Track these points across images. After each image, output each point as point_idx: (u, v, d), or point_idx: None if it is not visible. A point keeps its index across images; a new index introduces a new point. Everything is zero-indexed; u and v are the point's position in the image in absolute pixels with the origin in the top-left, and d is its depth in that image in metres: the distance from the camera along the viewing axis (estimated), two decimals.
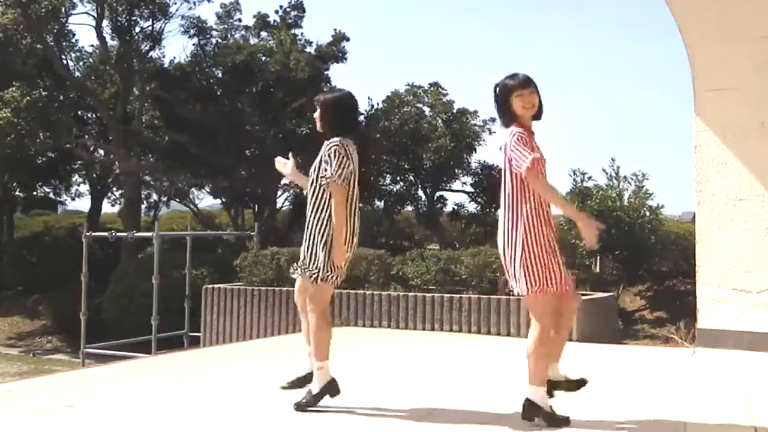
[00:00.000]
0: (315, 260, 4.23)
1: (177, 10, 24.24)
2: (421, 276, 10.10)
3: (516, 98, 3.90)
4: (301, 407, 4.23)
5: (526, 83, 3.92)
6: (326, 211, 4.24)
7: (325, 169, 4.21)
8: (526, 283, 3.82)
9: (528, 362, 3.90)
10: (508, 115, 3.94)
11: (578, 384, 4.18)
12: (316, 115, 4.43)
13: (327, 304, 4.40)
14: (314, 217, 4.27)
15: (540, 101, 3.97)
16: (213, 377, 5.59)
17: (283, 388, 4.45)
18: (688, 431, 3.92)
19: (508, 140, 3.86)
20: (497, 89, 4.00)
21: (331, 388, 4.27)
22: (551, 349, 3.96)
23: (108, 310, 18.28)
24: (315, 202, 4.28)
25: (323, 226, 4.22)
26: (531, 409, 3.88)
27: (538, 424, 3.85)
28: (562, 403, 4.49)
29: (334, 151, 4.20)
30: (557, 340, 4.03)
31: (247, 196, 24.47)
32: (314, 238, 4.24)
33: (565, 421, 3.89)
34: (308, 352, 4.41)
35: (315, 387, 4.27)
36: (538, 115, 3.99)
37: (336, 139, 4.26)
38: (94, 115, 26.59)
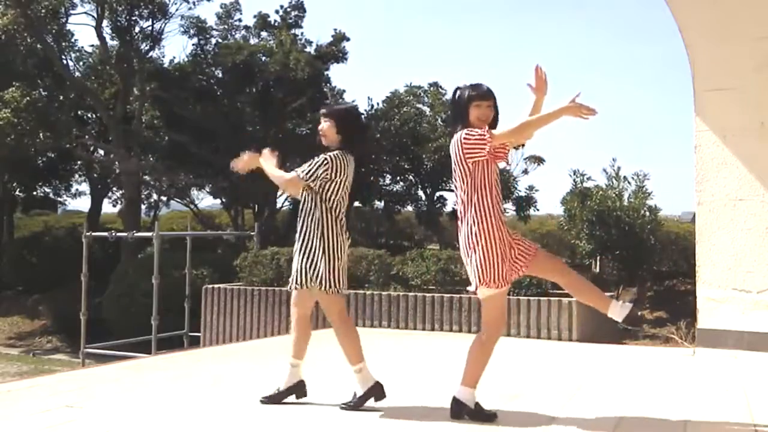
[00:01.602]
0: (316, 271, 4.22)
1: (177, 10, 24.26)
2: (421, 276, 10.10)
3: (474, 107, 3.98)
4: (350, 408, 4.29)
5: (487, 96, 4.00)
6: (318, 221, 4.24)
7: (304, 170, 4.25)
8: (477, 278, 3.91)
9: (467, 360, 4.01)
10: (461, 121, 4.02)
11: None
12: (325, 126, 4.40)
13: (342, 306, 4.42)
14: (307, 229, 4.27)
15: (496, 115, 4.03)
16: (213, 377, 5.59)
17: (263, 402, 4.43)
18: (688, 431, 3.92)
19: (458, 138, 3.94)
20: (457, 94, 4.07)
21: (375, 390, 4.31)
22: (490, 351, 4.02)
23: (108, 310, 18.27)
24: (305, 215, 4.31)
25: (319, 238, 4.23)
26: (458, 407, 4.00)
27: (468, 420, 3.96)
28: (561, 403, 4.49)
29: (321, 159, 4.24)
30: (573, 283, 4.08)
31: (247, 196, 24.47)
32: (312, 250, 4.23)
33: (493, 416, 3.98)
34: (291, 362, 4.42)
35: (358, 390, 4.32)
36: (492, 127, 4.02)
37: (337, 151, 4.27)
38: (94, 115, 26.58)
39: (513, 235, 4.04)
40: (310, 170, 4.24)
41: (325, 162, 4.24)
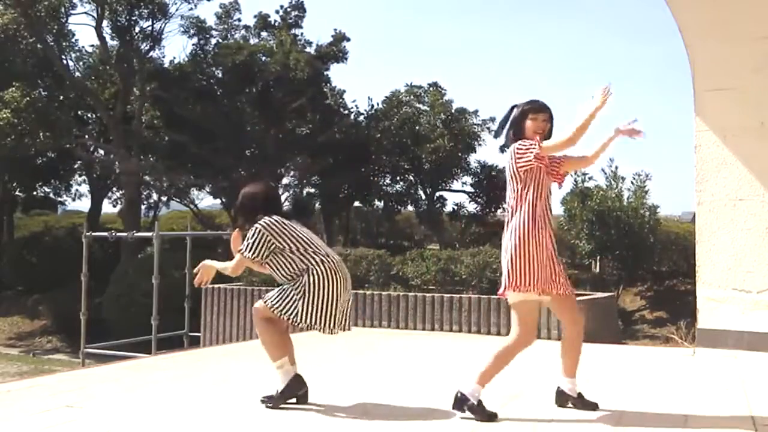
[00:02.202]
0: (293, 308, 4.26)
1: (177, 10, 24.27)
2: (421, 276, 10.11)
3: (530, 120, 4.11)
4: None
5: (542, 109, 4.14)
6: (301, 270, 4.27)
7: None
8: (506, 281, 3.98)
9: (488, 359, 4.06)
10: (517, 134, 4.14)
11: (587, 405, 4.23)
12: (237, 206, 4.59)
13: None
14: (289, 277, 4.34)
15: (551, 131, 4.15)
16: (213, 377, 5.58)
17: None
18: (688, 431, 3.92)
19: (512, 149, 4.08)
20: (515, 109, 4.19)
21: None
22: (512, 356, 4.07)
23: (108, 310, 18.28)
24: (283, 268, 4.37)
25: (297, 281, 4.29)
26: (461, 400, 4.05)
27: (466, 415, 4.01)
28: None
29: (255, 229, 4.31)
30: (567, 353, 4.21)
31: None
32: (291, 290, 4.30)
33: (494, 416, 4.03)
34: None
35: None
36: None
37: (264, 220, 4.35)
38: (94, 115, 26.59)
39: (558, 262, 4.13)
40: (249, 245, 4.31)
41: (258, 231, 4.30)
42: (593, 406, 4.21)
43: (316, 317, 4.22)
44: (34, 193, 28.57)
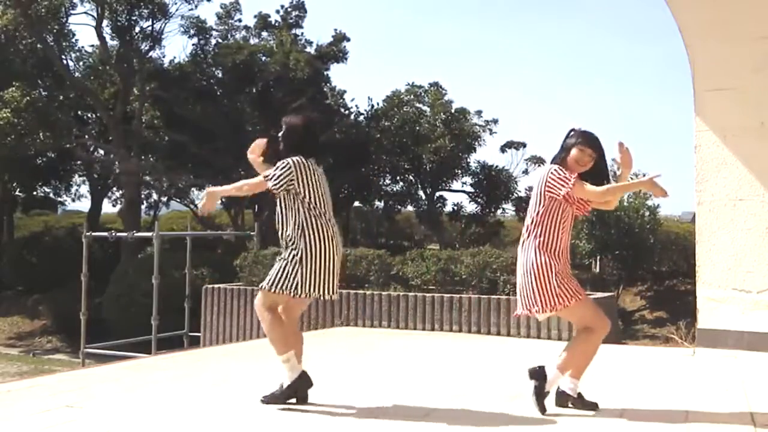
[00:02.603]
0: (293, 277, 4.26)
1: (177, 10, 24.25)
2: (421, 276, 10.10)
3: (577, 150, 4.18)
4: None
5: (592, 144, 4.20)
6: (299, 228, 4.28)
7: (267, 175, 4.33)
8: (532, 304, 4.11)
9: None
10: (559, 157, 4.24)
11: (587, 405, 4.29)
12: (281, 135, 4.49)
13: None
14: (289, 237, 4.33)
15: (598, 168, 4.21)
16: (213, 377, 5.59)
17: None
18: (688, 431, 3.92)
19: (546, 170, 4.19)
20: (569, 134, 4.27)
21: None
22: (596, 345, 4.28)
23: (108, 310, 18.28)
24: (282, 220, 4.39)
25: (295, 245, 4.28)
26: (564, 396, 4.22)
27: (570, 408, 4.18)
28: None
29: (284, 163, 4.32)
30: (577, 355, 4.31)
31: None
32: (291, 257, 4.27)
33: (596, 406, 4.22)
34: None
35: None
36: (589, 176, 4.20)
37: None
38: (94, 115, 26.58)
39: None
40: (275, 175, 4.32)
41: (287, 166, 4.32)
42: (593, 407, 4.22)
43: (317, 284, 4.25)
44: (34, 193, 28.54)
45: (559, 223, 4.14)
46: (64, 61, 24.35)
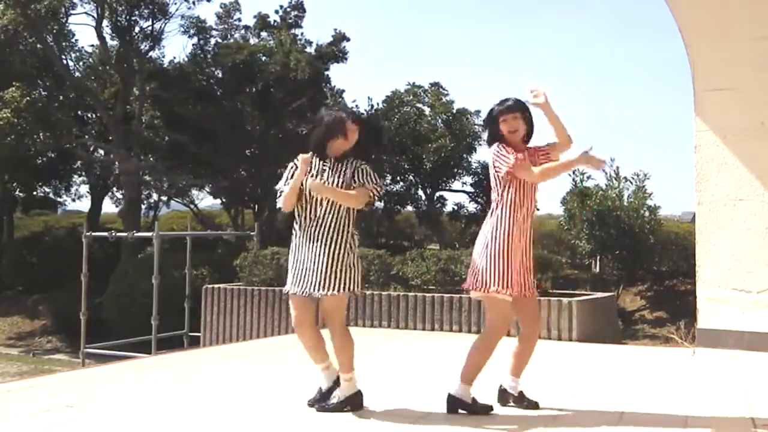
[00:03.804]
0: (341, 276, 4.13)
1: (177, 9, 24.26)
2: (421, 276, 10.09)
3: (502, 123, 4.21)
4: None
5: (510, 109, 4.21)
6: (345, 232, 4.18)
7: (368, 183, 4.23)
8: (480, 281, 4.09)
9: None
10: (494, 136, 4.26)
11: (530, 404, 4.28)
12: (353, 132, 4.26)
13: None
14: (334, 236, 4.15)
15: (530, 124, 4.25)
16: (213, 377, 5.59)
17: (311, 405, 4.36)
18: (688, 431, 3.92)
19: (492, 150, 4.20)
20: (488, 113, 4.30)
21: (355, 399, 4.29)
22: (489, 352, 4.16)
23: (108, 310, 18.28)
24: (333, 220, 4.18)
25: (345, 246, 4.16)
26: (454, 403, 4.15)
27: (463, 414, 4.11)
28: (561, 402, 4.49)
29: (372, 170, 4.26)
30: (520, 352, 4.30)
31: (247, 196, 24.47)
32: (338, 256, 4.13)
33: (489, 408, 4.16)
34: (323, 366, 4.34)
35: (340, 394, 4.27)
36: (527, 137, 4.27)
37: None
38: (94, 115, 26.56)
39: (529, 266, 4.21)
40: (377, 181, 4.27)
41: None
42: (534, 405, 4.26)
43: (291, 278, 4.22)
44: (34, 193, 28.53)
45: (524, 195, 4.12)
46: (64, 61, 24.35)
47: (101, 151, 26.25)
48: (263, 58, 23.31)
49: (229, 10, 25.21)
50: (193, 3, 24.28)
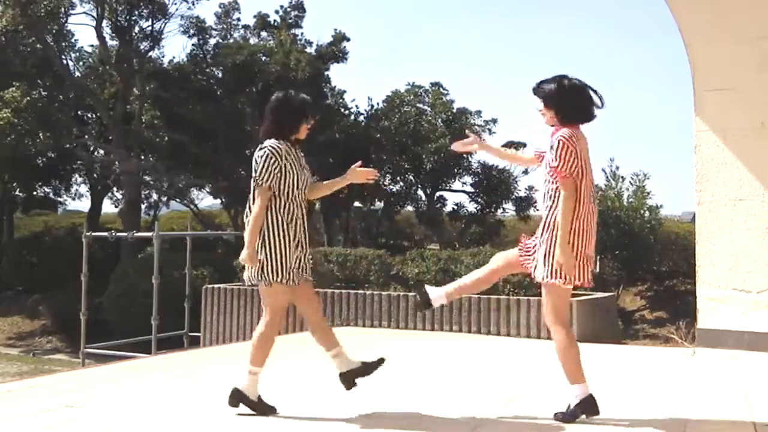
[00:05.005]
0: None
1: (176, 9, 24.25)
2: (421, 276, 10.10)
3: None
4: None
5: (542, 99, 4.11)
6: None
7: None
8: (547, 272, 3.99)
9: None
10: (568, 114, 4.05)
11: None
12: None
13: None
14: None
15: (568, 105, 4.06)
16: (213, 377, 5.58)
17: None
18: (688, 431, 3.92)
19: (556, 141, 3.98)
20: (568, 87, 4.04)
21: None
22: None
23: (108, 310, 18.28)
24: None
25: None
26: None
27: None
28: (561, 402, 4.48)
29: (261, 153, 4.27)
30: None
31: (247, 196, 24.46)
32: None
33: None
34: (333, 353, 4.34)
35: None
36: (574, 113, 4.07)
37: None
38: (94, 115, 26.57)
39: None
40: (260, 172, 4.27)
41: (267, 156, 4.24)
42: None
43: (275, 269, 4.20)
44: (34, 193, 28.54)
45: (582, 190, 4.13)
46: (64, 61, 24.36)
47: (101, 151, 26.25)
48: (263, 58, 23.31)
49: (228, 10, 25.21)
50: (193, 3, 24.31)
